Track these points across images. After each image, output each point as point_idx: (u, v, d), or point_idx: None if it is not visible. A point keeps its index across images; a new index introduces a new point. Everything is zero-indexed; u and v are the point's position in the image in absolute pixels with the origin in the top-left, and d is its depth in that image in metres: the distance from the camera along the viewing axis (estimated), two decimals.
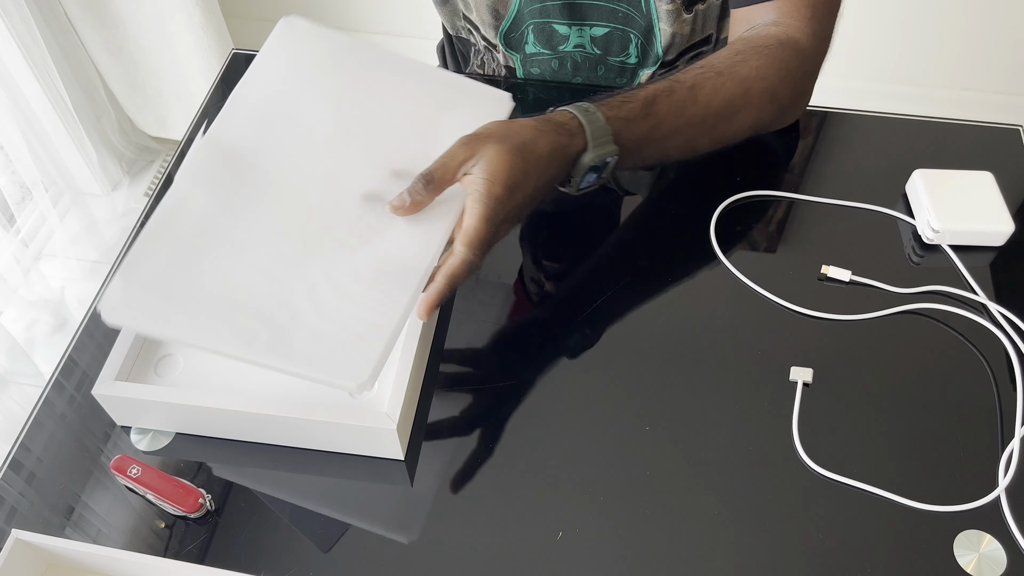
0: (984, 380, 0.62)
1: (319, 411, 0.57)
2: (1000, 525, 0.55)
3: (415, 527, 0.57)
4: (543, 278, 0.71)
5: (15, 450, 0.61)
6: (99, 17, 1.59)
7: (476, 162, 0.57)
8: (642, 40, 0.83)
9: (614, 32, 0.83)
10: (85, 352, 0.66)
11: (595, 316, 0.66)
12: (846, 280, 0.68)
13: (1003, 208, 0.70)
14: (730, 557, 0.55)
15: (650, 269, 0.70)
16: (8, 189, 1.67)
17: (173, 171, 0.79)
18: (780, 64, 0.70)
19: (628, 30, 0.83)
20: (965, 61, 1.77)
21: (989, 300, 0.66)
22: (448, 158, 0.57)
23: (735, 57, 0.69)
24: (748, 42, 0.71)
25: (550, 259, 0.71)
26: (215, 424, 0.59)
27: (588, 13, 0.82)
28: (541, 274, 0.71)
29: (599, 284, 0.68)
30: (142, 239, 0.55)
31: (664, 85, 0.67)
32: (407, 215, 0.57)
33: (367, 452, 0.59)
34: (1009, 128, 0.80)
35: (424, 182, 0.56)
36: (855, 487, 0.57)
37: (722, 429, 0.60)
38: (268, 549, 0.56)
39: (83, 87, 1.67)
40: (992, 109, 1.83)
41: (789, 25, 0.71)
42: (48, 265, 1.70)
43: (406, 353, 0.59)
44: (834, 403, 0.61)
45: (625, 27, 0.83)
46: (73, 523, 0.58)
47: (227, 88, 0.87)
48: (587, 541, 0.56)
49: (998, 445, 0.59)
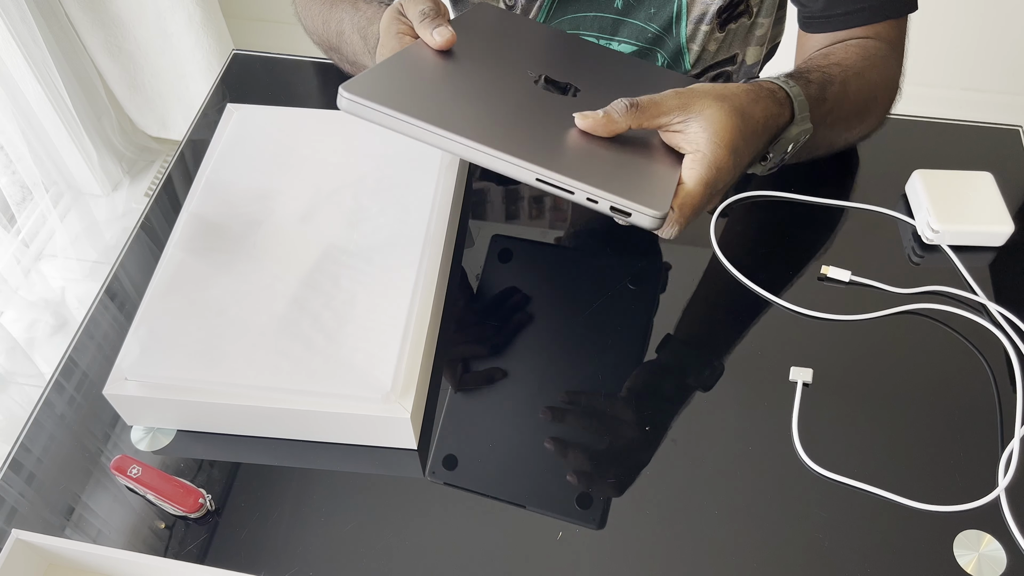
0: (984, 380, 0.62)
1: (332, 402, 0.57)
2: (1000, 525, 0.55)
3: (415, 525, 0.57)
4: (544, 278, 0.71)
5: (15, 450, 0.61)
6: (99, 17, 1.59)
7: (693, 117, 0.51)
8: (669, 61, 0.83)
9: (642, 51, 0.83)
10: (85, 352, 0.66)
11: (595, 316, 0.66)
12: (846, 280, 0.68)
13: (1003, 208, 0.70)
14: (730, 557, 0.55)
15: (650, 269, 0.70)
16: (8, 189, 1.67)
17: (173, 171, 0.79)
18: (894, 76, 0.71)
19: (656, 50, 0.83)
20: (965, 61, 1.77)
21: (989, 300, 0.66)
22: (660, 98, 0.51)
23: (864, 61, 0.68)
24: (865, 47, 0.70)
25: (551, 259, 0.71)
26: (227, 420, 0.60)
27: (619, 29, 0.82)
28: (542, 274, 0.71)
29: (599, 284, 0.68)
30: (147, 301, 0.62)
31: (826, 74, 0.64)
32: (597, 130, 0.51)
33: (378, 443, 0.60)
34: (1009, 128, 0.80)
35: (628, 103, 0.50)
36: (855, 487, 0.57)
37: (722, 429, 0.60)
38: (268, 549, 0.56)
39: (83, 87, 1.67)
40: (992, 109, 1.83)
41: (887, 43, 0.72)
42: (48, 265, 1.70)
43: (416, 342, 0.60)
44: (834, 403, 0.61)
45: (654, 47, 0.83)
46: (73, 523, 0.58)
47: (227, 88, 0.87)
48: (587, 541, 0.56)
49: (998, 445, 0.59)
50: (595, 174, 0.49)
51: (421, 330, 0.60)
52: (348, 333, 0.59)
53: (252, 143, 0.73)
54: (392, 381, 0.57)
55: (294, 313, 0.60)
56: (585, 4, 0.81)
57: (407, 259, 0.63)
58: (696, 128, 0.51)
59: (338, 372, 0.57)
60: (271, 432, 0.60)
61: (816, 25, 0.75)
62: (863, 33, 0.73)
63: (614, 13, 0.81)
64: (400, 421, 0.57)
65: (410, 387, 0.57)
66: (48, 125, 1.64)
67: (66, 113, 1.62)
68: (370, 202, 0.68)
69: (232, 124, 0.75)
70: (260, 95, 0.86)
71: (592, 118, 0.51)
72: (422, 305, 0.61)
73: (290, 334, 0.59)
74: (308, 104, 0.80)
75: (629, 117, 0.51)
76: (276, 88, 0.87)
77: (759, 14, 0.83)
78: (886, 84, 0.71)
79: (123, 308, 0.69)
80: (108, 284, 0.71)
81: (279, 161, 0.71)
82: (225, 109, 0.76)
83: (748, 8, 0.81)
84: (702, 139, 0.50)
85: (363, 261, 0.64)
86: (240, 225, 0.66)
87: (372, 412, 0.57)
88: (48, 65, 1.54)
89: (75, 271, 1.69)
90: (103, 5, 1.57)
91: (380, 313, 0.60)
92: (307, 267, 0.63)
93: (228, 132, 0.74)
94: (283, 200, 0.68)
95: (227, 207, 0.68)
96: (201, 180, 0.70)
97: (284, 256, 0.64)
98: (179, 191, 0.78)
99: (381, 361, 0.58)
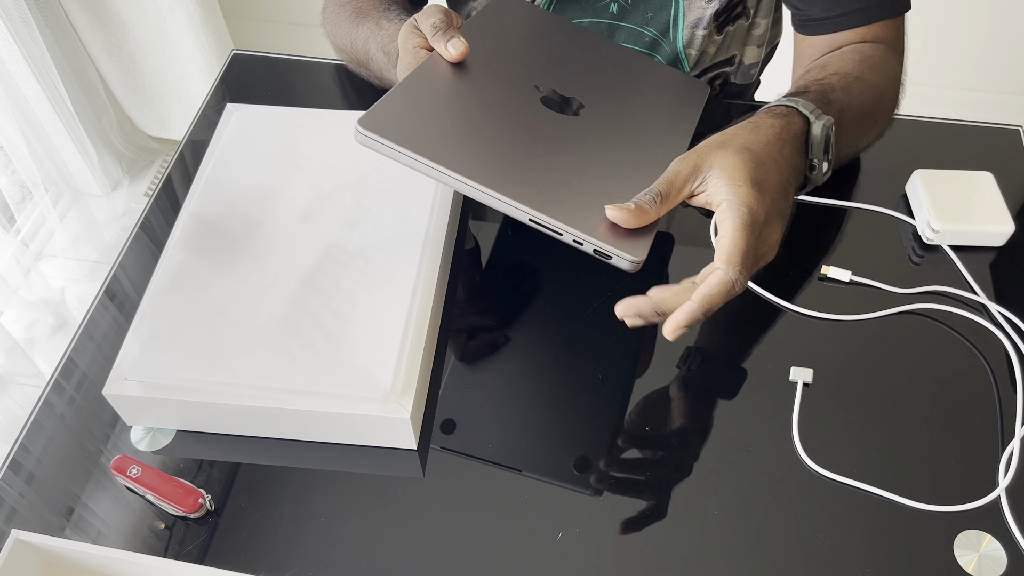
0: (984, 380, 0.62)
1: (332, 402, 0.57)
2: (1000, 525, 0.55)
3: (415, 525, 0.57)
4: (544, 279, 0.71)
5: (15, 450, 0.61)
6: (99, 17, 1.59)
7: (705, 174, 0.52)
8: None
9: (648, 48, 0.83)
10: (85, 352, 0.66)
11: (595, 316, 0.66)
12: (846, 280, 0.68)
13: (1003, 208, 0.70)
14: (730, 557, 0.55)
15: (650, 269, 0.70)
16: (8, 189, 1.67)
17: (173, 171, 0.79)
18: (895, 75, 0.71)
19: (653, 55, 0.83)
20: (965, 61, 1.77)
21: (989, 300, 0.66)
22: (672, 174, 0.53)
23: (862, 65, 0.68)
24: (862, 51, 0.70)
25: (551, 259, 0.71)
26: (227, 420, 0.60)
27: (615, 34, 0.82)
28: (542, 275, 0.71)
29: (599, 284, 0.68)
30: (147, 301, 0.62)
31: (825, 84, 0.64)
32: (626, 223, 0.52)
33: (378, 443, 0.60)
34: (1009, 128, 0.80)
35: (654, 196, 0.52)
36: (855, 487, 0.57)
37: (722, 429, 0.60)
38: (268, 549, 0.56)
39: (83, 87, 1.67)
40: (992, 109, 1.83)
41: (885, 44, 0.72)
42: (48, 265, 1.70)
43: (416, 342, 0.60)
44: (834, 403, 0.61)
45: (651, 52, 0.83)
46: (73, 523, 0.58)
47: (227, 88, 0.87)
48: (587, 541, 0.56)
49: (998, 445, 0.59)
50: (583, 218, 0.53)
51: (421, 330, 0.60)
52: (348, 333, 0.59)
53: (252, 143, 0.73)
54: (392, 381, 0.57)
55: (294, 313, 0.60)
56: (581, 8, 0.81)
57: (407, 259, 0.64)
58: (713, 181, 0.52)
59: (338, 372, 0.57)
60: (271, 432, 0.60)
61: (812, 28, 0.75)
62: (859, 36, 0.73)
63: (610, 18, 0.81)
64: (400, 421, 0.57)
65: (410, 387, 0.57)
66: (48, 125, 1.64)
67: (66, 113, 1.62)
68: (370, 202, 0.68)
69: (232, 124, 0.74)
70: (260, 95, 0.86)
71: (625, 211, 0.52)
72: (422, 305, 0.61)
73: (290, 334, 0.59)
74: (308, 104, 0.80)
75: (658, 208, 0.53)
76: (276, 88, 0.87)
77: (757, 14, 0.83)
78: (889, 83, 0.71)
79: (123, 308, 0.69)
80: (108, 284, 0.71)
81: (279, 161, 0.71)
82: (225, 109, 0.76)
83: (745, 10, 0.81)
84: (721, 188, 0.51)
85: (363, 261, 0.64)
86: (240, 225, 0.66)
87: (372, 412, 0.57)
88: (48, 65, 1.54)
89: (75, 271, 1.69)
90: (103, 5, 1.57)
91: (380, 313, 0.60)
92: (307, 267, 0.63)
93: (228, 132, 0.74)
94: (283, 200, 0.68)
95: (227, 207, 0.68)
96: (201, 180, 0.70)
97: (284, 256, 0.64)
98: (179, 191, 0.78)
99: (381, 361, 0.58)
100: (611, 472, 0.59)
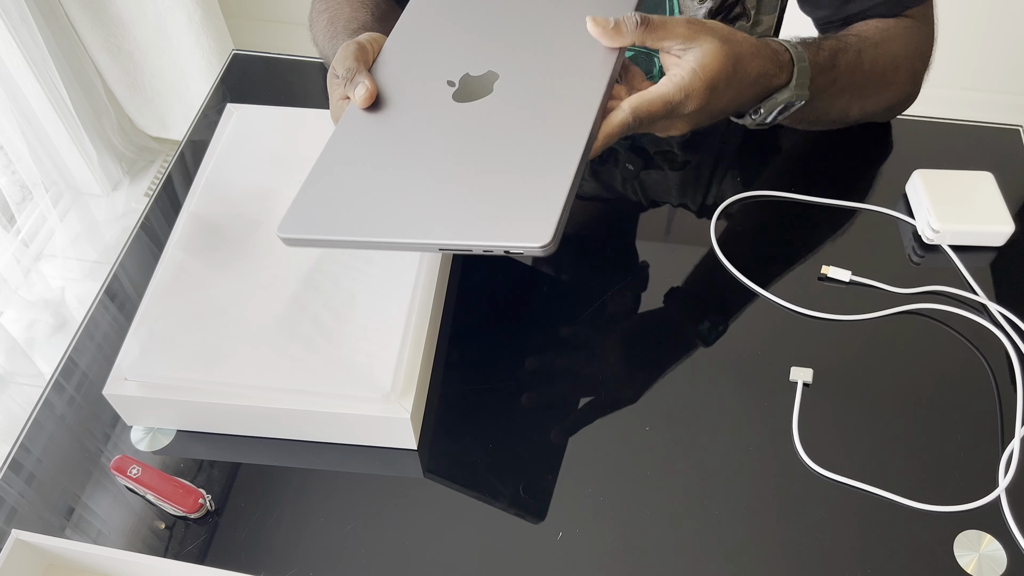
0: (984, 380, 0.62)
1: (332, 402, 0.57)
2: (1000, 525, 0.55)
3: (415, 525, 0.57)
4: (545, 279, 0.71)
5: (15, 450, 0.61)
6: (99, 17, 1.59)
7: (692, 49, 0.54)
8: None
9: (639, 55, 0.83)
10: (85, 353, 0.66)
11: (595, 316, 0.66)
12: (846, 280, 0.68)
13: (1003, 208, 0.70)
14: (730, 557, 0.55)
15: (652, 272, 0.70)
16: (8, 189, 1.67)
17: (173, 171, 0.79)
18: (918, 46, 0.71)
19: (653, 54, 0.83)
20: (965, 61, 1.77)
21: (989, 300, 0.66)
22: (670, 22, 0.54)
23: (884, 33, 0.69)
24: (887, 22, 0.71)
25: (551, 259, 0.71)
26: (227, 420, 0.60)
27: None
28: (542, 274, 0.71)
29: (599, 284, 0.68)
30: (147, 301, 0.62)
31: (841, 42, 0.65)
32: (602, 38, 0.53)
33: (378, 443, 0.60)
34: (1009, 128, 0.80)
35: (640, 19, 0.53)
36: (855, 487, 0.57)
37: (722, 429, 0.60)
38: (268, 549, 0.56)
39: (83, 87, 1.67)
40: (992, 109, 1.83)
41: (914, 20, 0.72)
42: (48, 265, 1.70)
43: (416, 342, 0.60)
44: (834, 403, 0.61)
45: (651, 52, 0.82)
46: (73, 523, 0.58)
47: (227, 88, 0.87)
48: (587, 541, 0.56)
49: (998, 445, 0.59)
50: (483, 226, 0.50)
51: (421, 330, 0.60)
52: (348, 333, 0.59)
53: (252, 143, 0.73)
54: (392, 381, 0.57)
55: (294, 313, 0.60)
56: None
57: (407, 259, 0.63)
58: (689, 58, 0.54)
59: (338, 372, 0.57)
60: (271, 432, 0.60)
61: (836, 28, 0.74)
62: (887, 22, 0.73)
63: None
64: (400, 421, 0.57)
65: (410, 387, 0.57)
66: (48, 125, 1.63)
67: (66, 113, 1.62)
68: None
69: (232, 124, 0.74)
70: (260, 95, 0.86)
71: (602, 26, 0.53)
72: (422, 305, 0.61)
73: (290, 334, 0.59)
74: (308, 104, 0.80)
75: (636, 34, 0.53)
76: (276, 88, 0.87)
77: (760, 11, 0.82)
78: (909, 54, 0.71)
79: (123, 308, 0.69)
80: (108, 284, 0.71)
81: (279, 161, 0.71)
82: (225, 109, 0.76)
83: (745, 10, 0.81)
84: (687, 66, 0.53)
85: (363, 261, 0.64)
86: (240, 225, 0.66)
87: (372, 412, 0.57)
88: (48, 65, 1.54)
89: (75, 271, 1.69)
90: (103, 5, 1.57)
91: (380, 313, 0.60)
92: (307, 267, 0.63)
93: (228, 132, 0.74)
94: (283, 200, 0.68)
95: (227, 207, 0.68)
96: (201, 180, 0.70)
97: (284, 256, 0.64)
98: (179, 191, 0.78)
99: (381, 361, 0.58)
100: (611, 472, 0.58)
